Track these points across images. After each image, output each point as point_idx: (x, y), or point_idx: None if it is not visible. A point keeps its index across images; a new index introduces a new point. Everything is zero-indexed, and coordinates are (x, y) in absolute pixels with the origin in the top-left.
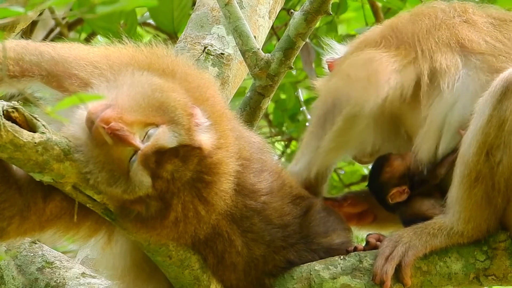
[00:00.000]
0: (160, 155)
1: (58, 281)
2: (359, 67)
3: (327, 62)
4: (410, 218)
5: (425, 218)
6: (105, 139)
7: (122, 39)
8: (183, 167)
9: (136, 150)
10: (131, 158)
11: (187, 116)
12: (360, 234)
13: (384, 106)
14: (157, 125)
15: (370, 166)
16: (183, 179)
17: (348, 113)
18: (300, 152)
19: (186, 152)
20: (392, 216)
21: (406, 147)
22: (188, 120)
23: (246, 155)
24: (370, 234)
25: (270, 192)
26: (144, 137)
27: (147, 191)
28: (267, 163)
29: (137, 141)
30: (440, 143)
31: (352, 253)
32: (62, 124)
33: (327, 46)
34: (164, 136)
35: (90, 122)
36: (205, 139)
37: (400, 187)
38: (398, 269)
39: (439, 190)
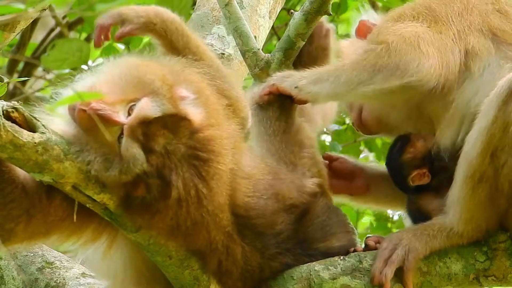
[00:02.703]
0: (147, 127)
1: (58, 281)
2: (428, 42)
3: (361, 21)
4: (416, 212)
5: (429, 217)
6: (90, 124)
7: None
8: (175, 140)
9: (123, 128)
10: (119, 137)
11: (167, 86)
12: (354, 206)
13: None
14: (139, 100)
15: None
16: (177, 153)
17: (409, 82)
18: (327, 74)
19: (174, 122)
20: (387, 191)
21: (426, 130)
22: (169, 90)
23: (247, 171)
24: (369, 236)
25: (263, 206)
26: (128, 113)
27: (142, 167)
28: (262, 181)
29: (121, 118)
30: (461, 130)
31: (352, 254)
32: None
33: (363, 8)
34: (146, 106)
35: (72, 109)
36: (193, 111)
37: (421, 169)
38: (399, 272)
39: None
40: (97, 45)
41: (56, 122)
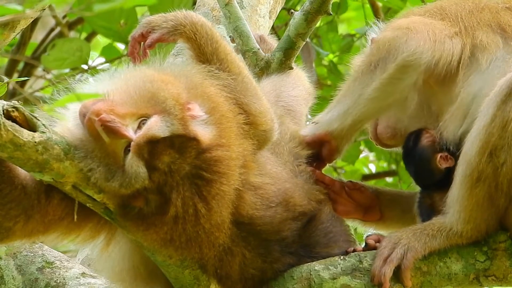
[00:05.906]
0: (154, 145)
1: (58, 281)
2: (418, 23)
3: (372, 39)
4: (429, 209)
5: (436, 215)
6: (98, 132)
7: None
8: (180, 159)
9: (129, 142)
10: (125, 150)
11: (179, 106)
12: (365, 231)
13: (427, 75)
14: (149, 116)
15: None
16: (181, 172)
17: (403, 60)
18: (335, 101)
19: (182, 143)
20: (399, 216)
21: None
22: (181, 110)
23: (256, 183)
24: (369, 235)
25: (271, 215)
26: (137, 128)
27: (144, 183)
28: (273, 188)
29: (129, 132)
30: (463, 124)
31: (352, 254)
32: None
33: (376, 26)
34: (155, 126)
35: (83, 116)
36: (201, 131)
37: (442, 153)
38: (398, 270)
39: None
40: (131, 56)
41: (67, 122)
